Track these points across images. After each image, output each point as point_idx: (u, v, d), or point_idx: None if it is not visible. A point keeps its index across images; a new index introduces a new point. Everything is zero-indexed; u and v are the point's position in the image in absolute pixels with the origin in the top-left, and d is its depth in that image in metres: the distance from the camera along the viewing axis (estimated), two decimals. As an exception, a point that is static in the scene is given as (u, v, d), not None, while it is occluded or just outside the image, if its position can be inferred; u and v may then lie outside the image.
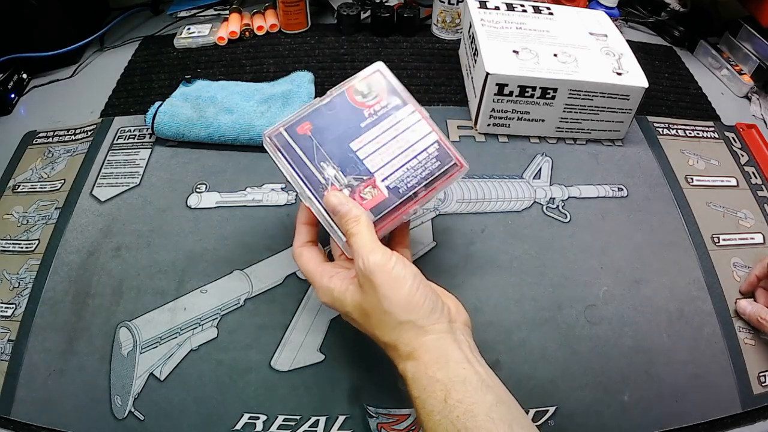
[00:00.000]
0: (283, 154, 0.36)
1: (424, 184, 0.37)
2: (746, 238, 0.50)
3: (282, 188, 0.51)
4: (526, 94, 0.52)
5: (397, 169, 0.36)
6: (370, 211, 0.35)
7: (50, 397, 0.39)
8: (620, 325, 0.43)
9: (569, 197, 0.51)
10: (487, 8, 0.59)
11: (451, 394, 0.29)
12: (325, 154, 0.36)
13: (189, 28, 0.70)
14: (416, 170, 0.37)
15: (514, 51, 0.53)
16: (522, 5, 0.61)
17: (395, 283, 0.32)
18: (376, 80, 0.39)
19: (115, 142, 0.55)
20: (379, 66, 0.39)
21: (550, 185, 0.52)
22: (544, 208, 0.50)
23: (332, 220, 0.35)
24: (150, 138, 0.55)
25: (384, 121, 0.38)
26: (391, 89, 0.39)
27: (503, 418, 0.29)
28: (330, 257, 0.40)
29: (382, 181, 0.36)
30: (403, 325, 0.32)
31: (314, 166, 0.36)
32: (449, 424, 0.29)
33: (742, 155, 0.58)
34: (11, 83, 0.62)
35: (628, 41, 0.57)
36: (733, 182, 0.55)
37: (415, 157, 0.37)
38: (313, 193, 0.36)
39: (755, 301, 0.45)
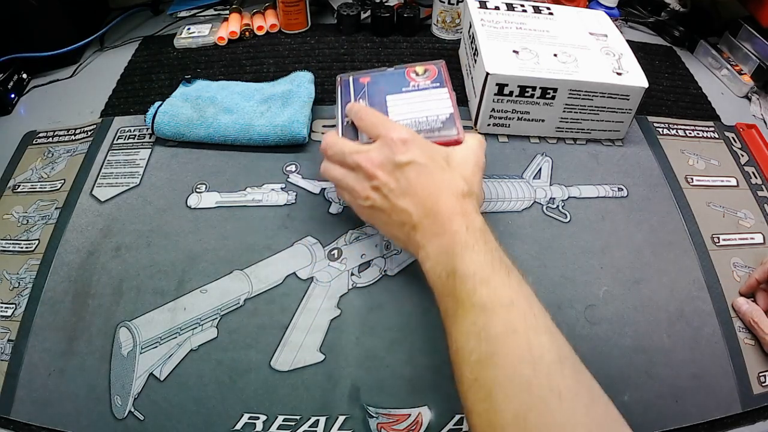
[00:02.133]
0: (339, 89, 0.49)
1: (421, 134, 0.43)
2: (746, 238, 0.50)
3: (282, 188, 0.51)
4: (526, 94, 0.52)
5: (406, 118, 0.45)
6: None
7: (50, 397, 0.39)
8: (620, 325, 0.43)
9: (569, 197, 0.51)
10: (487, 8, 0.59)
11: None
12: (366, 96, 0.48)
13: (189, 28, 0.70)
14: (421, 123, 0.45)
15: (514, 51, 0.53)
16: (522, 5, 0.61)
17: None
18: (432, 70, 0.50)
19: (115, 142, 0.55)
20: (441, 62, 0.50)
21: (550, 185, 0.52)
22: (544, 208, 0.50)
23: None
24: (150, 138, 0.55)
25: (420, 91, 0.48)
26: (439, 77, 0.49)
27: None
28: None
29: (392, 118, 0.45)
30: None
31: (355, 100, 0.47)
32: None
33: (742, 155, 0.58)
34: (11, 83, 0.62)
35: (628, 41, 0.57)
36: (733, 182, 0.55)
37: (426, 116, 0.45)
38: (344, 119, 0.46)
39: (755, 302, 0.45)
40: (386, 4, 0.72)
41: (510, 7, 0.60)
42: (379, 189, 0.39)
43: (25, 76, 0.65)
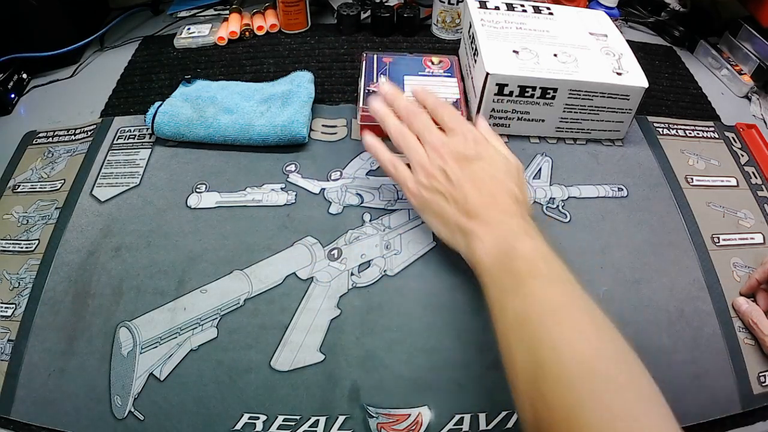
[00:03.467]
0: (364, 64, 0.58)
1: None
2: (746, 238, 0.50)
3: (282, 188, 0.51)
4: (526, 94, 0.52)
5: None
6: None
7: (50, 397, 0.39)
8: (620, 325, 0.43)
9: (569, 197, 0.51)
10: (487, 8, 0.59)
11: None
12: (387, 73, 0.57)
13: (189, 28, 0.70)
14: None
15: (514, 51, 0.53)
16: (522, 5, 0.61)
17: None
18: (446, 61, 0.60)
19: (115, 142, 0.55)
20: (454, 57, 0.61)
21: (550, 185, 0.52)
22: (544, 208, 0.50)
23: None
24: (150, 138, 0.55)
25: (434, 77, 0.58)
26: (451, 69, 0.59)
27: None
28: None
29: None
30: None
31: (376, 76, 0.57)
32: None
33: (742, 155, 0.58)
34: (11, 83, 0.62)
35: (628, 41, 0.57)
36: (733, 182, 0.55)
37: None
38: (366, 88, 0.55)
39: (756, 302, 0.45)
40: (386, 4, 0.72)
41: (510, 7, 0.60)
42: (445, 172, 0.41)
43: (25, 76, 0.65)
